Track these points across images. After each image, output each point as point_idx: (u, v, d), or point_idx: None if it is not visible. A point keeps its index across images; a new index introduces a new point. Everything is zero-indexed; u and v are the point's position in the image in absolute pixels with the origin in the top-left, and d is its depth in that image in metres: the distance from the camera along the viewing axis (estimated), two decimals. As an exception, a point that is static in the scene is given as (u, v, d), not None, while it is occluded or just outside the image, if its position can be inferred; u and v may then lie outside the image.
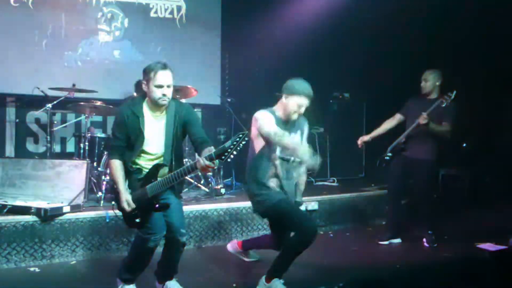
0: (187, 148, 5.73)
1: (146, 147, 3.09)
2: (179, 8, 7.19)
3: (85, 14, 6.57)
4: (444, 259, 4.24)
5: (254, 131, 3.38)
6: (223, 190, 5.42)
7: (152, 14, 7.02)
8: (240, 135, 2.67)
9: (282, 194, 3.36)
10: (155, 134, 3.10)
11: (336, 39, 7.11)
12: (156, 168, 3.08)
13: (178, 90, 5.45)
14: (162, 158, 3.12)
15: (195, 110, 6.52)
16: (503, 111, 6.55)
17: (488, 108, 6.63)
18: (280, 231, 3.55)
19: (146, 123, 3.08)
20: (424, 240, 4.66)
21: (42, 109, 5.29)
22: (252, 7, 7.09)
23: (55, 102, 5.22)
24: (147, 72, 3.02)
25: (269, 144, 3.31)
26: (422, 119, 4.34)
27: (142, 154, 3.12)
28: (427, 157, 4.58)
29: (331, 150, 7.11)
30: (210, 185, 5.50)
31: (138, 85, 5.86)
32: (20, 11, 6.15)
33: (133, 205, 3.04)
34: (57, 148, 6.07)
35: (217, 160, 2.72)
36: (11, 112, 6.23)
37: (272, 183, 3.37)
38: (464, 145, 6.94)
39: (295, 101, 3.32)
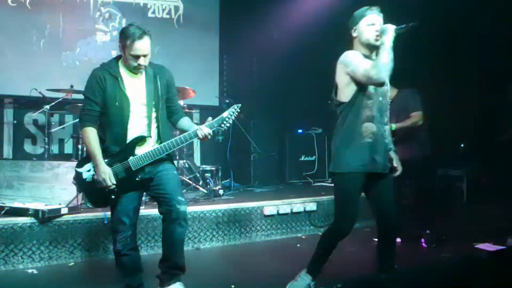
0: (185, 150, 5.72)
1: (132, 107, 2.88)
2: (176, 8, 7.19)
3: (82, 14, 6.59)
4: (442, 259, 4.24)
5: (343, 79, 2.96)
6: (221, 191, 5.42)
7: (149, 14, 7.03)
8: (235, 107, 2.96)
9: (360, 164, 2.95)
10: (137, 92, 2.91)
11: (335, 40, 7.09)
12: (136, 140, 2.89)
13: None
14: (147, 122, 2.92)
15: (193, 111, 6.60)
16: (500, 111, 6.57)
17: (485, 108, 6.65)
18: (373, 203, 3.13)
19: (126, 83, 2.88)
20: (422, 240, 4.66)
21: (40, 111, 5.29)
22: (251, 8, 7.09)
23: (53, 103, 5.22)
24: (123, 38, 2.82)
25: (365, 85, 2.90)
26: None
27: (132, 116, 2.89)
28: (415, 155, 4.55)
29: (330, 151, 7.10)
30: (208, 186, 5.51)
31: None
32: (18, 11, 6.15)
33: (114, 180, 2.81)
34: (55, 149, 6.08)
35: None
36: (8, 114, 6.22)
37: (366, 129, 2.94)
38: (462, 145, 6.95)
39: (366, 24, 2.94)
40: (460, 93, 6.68)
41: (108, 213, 4.16)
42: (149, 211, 4.43)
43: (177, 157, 5.61)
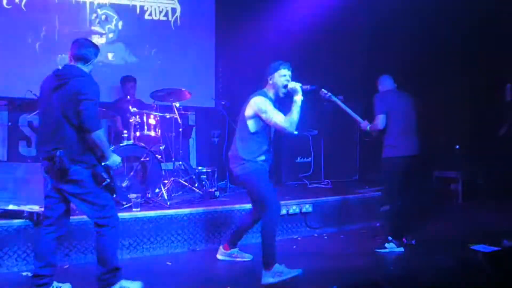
0: (181, 151, 5.71)
1: None
2: (173, 11, 7.17)
3: (78, 16, 6.54)
4: (437, 260, 4.25)
5: (250, 113, 3.72)
6: (217, 193, 5.41)
7: (146, 16, 7.00)
8: None
9: (265, 168, 3.80)
10: None
11: (330, 42, 7.13)
12: None
13: (171, 93, 5.44)
14: None
15: (189, 113, 6.58)
16: (496, 112, 6.59)
17: (481, 109, 6.67)
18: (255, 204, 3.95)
19: None
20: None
21: (34, 112, 5.26)
22: (246, 9, 7.10)
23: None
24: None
25: (269, 125, 3.73)
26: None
27: None
28: (383, 156, 4.69)
29: (325, 153, 7.12)
30: (204, 188, 5.50)
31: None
32: (13, 13, 6.11)
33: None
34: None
35: None
36: (3, 116, 6.18)
37: (261, 158, 3.78)
38: (457, 147, 6.98)
39: (279, 75, 3.75)
40: (456, 94, 6.71)
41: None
42: (145, 213, 4.43)
43: (173, 159, 5.60)
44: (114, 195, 3.32)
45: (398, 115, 4.58)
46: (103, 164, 3.23)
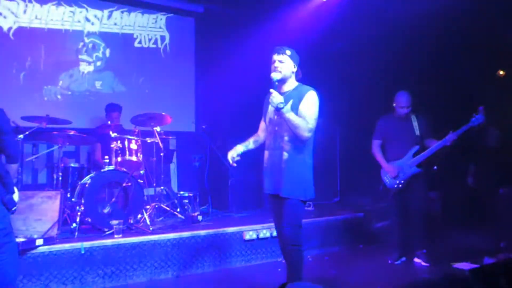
0: (162, 176, 5.68)
1: None
2: (163, 38, 7.23)
3: (65, 45, 6.48)
4: (423, 280, 4.29)
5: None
6: (200, 217, 5.37)
7: (136, 44, 7.02)
8: None
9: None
10: None
11: (308, 65, 7.24)
12: None
13: (152, 117, 5.44)
14: None
15: (170, 137, 6.54)
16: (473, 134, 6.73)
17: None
18: None
19: None
20: (420, 259, 4.78)
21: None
22: (226, 34, 7.21)
23: (26, 132, 5.10)
24: None
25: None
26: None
27: None
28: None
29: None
30: (186, 212, 5.46)
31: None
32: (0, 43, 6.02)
33: None
34: (28, 179, 5.92)
35: None
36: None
37: (265, 154, 3.51)
38: (435, 167, 7.09)
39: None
40: (435, 116, 6.86)
41: (85, 243, 4.10)
42: (127, 239, 4.36)
43: (154, 184, 5.56)
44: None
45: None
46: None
